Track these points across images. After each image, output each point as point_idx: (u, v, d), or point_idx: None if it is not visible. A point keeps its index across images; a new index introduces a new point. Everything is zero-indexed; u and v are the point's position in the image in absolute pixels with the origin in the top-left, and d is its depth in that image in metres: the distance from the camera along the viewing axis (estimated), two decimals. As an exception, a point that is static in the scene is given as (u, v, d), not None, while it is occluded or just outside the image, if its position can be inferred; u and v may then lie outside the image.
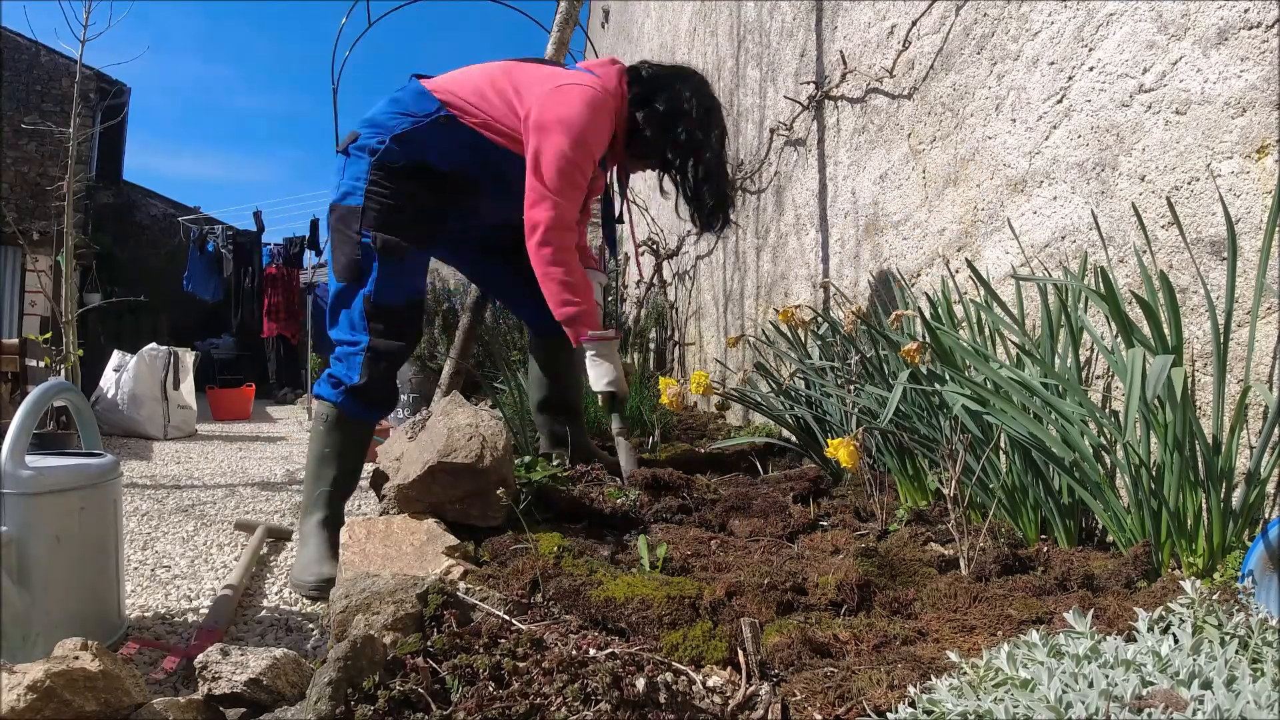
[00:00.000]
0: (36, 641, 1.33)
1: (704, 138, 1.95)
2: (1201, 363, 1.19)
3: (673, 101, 1.94)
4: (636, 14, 6.57)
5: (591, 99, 1.82)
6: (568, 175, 1.80)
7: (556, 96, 1.81)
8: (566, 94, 1.81)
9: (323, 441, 1.85)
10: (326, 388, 1.85)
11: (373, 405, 1.84)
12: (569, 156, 1.78)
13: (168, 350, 5.89)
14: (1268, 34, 1.08)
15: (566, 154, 1.78)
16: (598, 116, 1.83)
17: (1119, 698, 0.57)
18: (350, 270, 1.82)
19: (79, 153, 3.99)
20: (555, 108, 1.80)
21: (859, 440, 1.32)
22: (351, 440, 1.86)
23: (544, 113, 1.80)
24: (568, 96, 1.81)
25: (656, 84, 1.96)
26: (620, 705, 0.73)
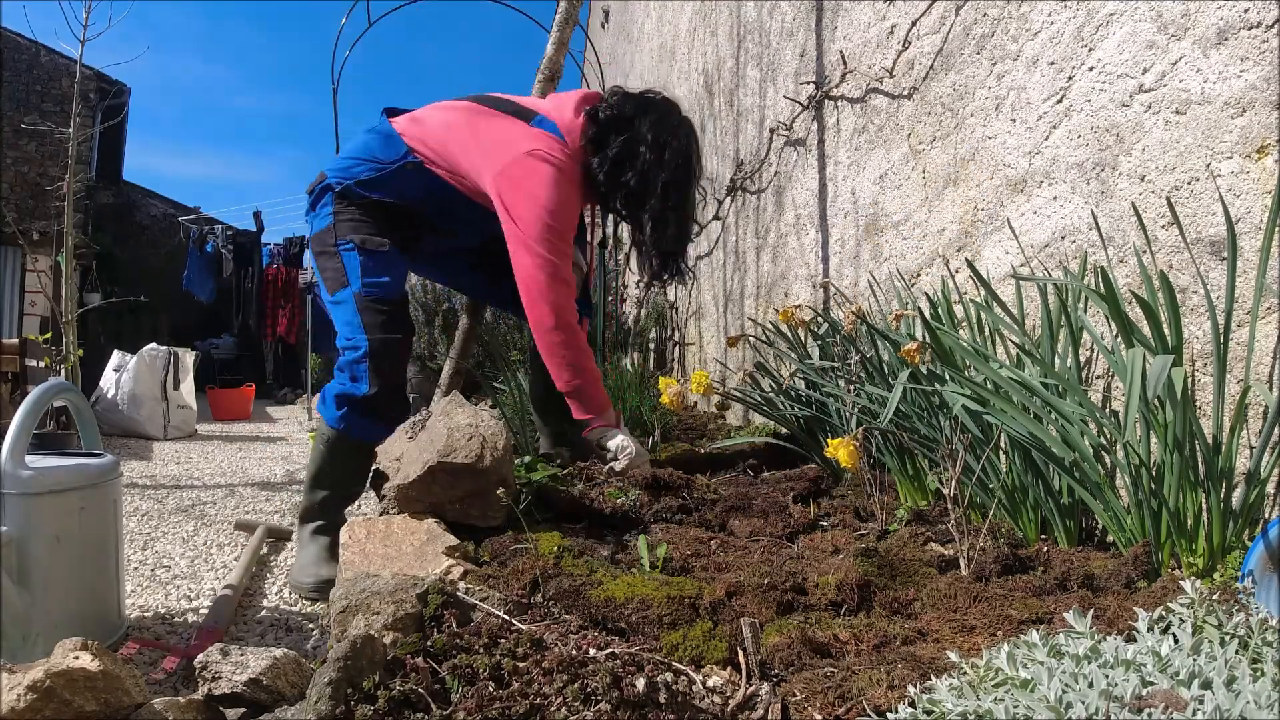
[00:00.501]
0: (36, 641, 1.33)
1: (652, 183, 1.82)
2: (1201, 363, 1.19)
3: (625, 145, 1.83)
4: (636, 14, 6.57)
5: (552, 172, 1.76)
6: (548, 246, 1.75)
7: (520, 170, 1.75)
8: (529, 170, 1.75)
9: (322, 460, 1.83)
10: (329, 410, 1.80)
11: (380, 418, 1.76)
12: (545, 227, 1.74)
13: (168, 350, 5.89)
14: (1267, 34, 1.08)
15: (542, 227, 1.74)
16: (564, 186, 1.77)
17: (1119, 698, 0.57)
18: (336, 279, 1.82)
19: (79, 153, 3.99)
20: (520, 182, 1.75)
21: (859, 440, 1.32)
22: (352, 461, 1.82)
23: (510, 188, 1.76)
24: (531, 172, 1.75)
25: (611, 126, 1.85)
26: (620, 705, 0.73)
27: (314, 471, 1.85)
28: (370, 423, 1.76)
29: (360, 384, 1.76)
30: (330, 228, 1.85)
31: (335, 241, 1.83)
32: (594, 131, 1.84)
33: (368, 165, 1.86)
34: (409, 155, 1.84)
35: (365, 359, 1.77)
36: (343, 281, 1.81)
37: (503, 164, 1.77)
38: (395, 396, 1.81)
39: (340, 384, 1.79)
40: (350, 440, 1.78)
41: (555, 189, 1.76)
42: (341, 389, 1.78)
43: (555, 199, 1.76)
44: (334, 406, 1.79)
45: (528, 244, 1.75)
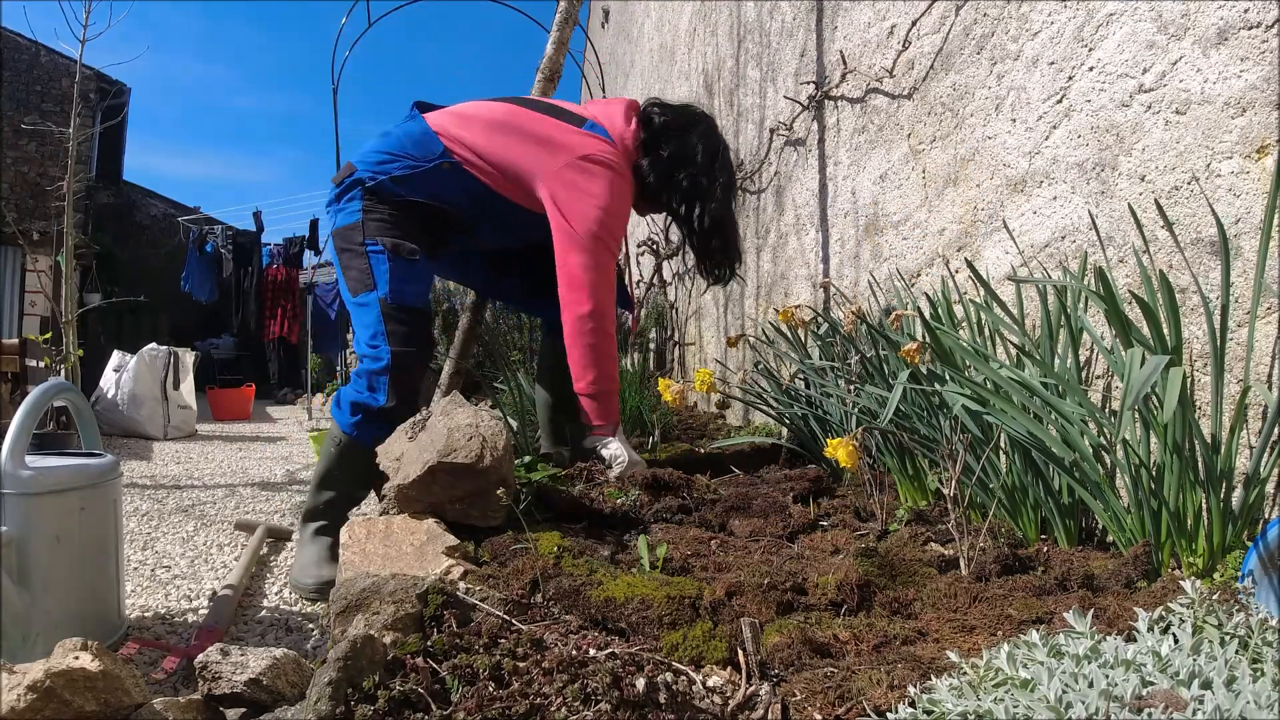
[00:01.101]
0: (36, 641, 1.33)
1: (708, 185, 1.92)
2: (1201, 363, 1.19)
3: (680, 148, 1.92)
4: (636, 14, 6.57)
5: (613, 177, 1.81)
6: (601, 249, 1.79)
7: (579, 172, 1.79)
8: (589, 172, 1.79)
9: (332, 463, 1.83)
10: (344, 415, 1.79)
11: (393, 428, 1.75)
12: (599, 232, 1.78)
13: (168, 350, 5.89)
14: (1267, 34, 1.08)
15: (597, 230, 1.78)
16: (623, 191, 1.83)
17: (1119, 698, 0.57)
18: (361, 280, 1.79)
19: (79, 153, 4.00)
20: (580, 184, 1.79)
21: (859, 440, 1.32)
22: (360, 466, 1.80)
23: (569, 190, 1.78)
24: (592, 174, 1.79)
25: (666, 131, 1.93)
26: (620, 705, 0.73)
27: (322, 472, 1.85)
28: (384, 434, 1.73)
29: (378, 395, 1.75)
30: (358, 225, 1.82)
31: (363, 241, 1.80)
32: (646, 135, 1.91)
33: (401, 162, 1.83)
34: (446, 155, 1.82)
35: (386, 371, 1.75)
36: (369, 284, 1.79)
37: (559, 165, 1.79)
38: (411, 409, 1.79)
39: (357, 391, 1.78)
40: (361, 448, 1.77)
41: (612, 191, 1.80)
42: (358, 397, 1.77)
43: (612, 201, 1.80)
44: (349, 413, 1.78)
45: (580, 241, 1.77)
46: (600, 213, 1.78)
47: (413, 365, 1.79)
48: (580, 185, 1.78)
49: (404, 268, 1.79)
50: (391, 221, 1.82)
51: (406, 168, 1.82)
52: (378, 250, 1.79)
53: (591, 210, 1.78)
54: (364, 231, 1.80)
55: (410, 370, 1.78)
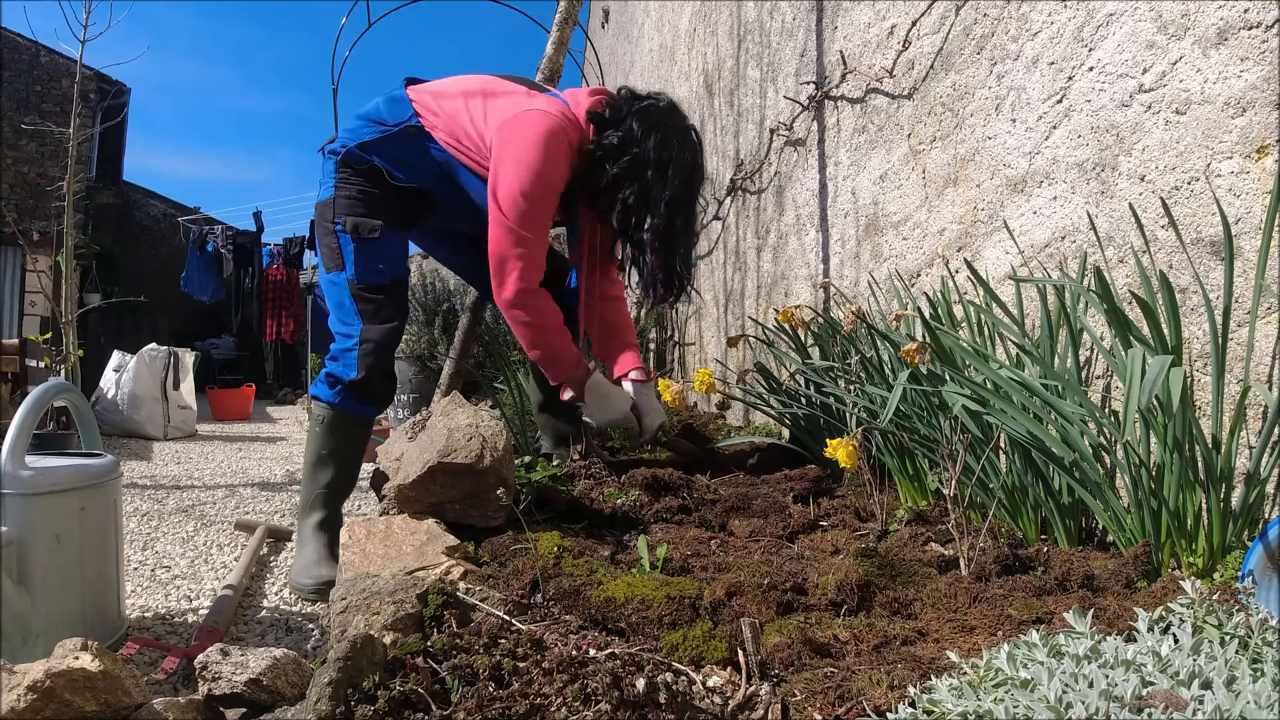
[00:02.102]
0: (36, 641, 1.33)
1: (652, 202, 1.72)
2: (1201, 363, 1.19)
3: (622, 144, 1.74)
4: (636, 14, 6.57)
5: (546, 127, 1.69)
6: (524, 207, 1.69)
7: (514, 124, 1.72)
8: (523, 122, 1.71)
9: (320, 443, 1.86)
10: (323, 388, 1.86)
11: (371, 399, 1.85)
12: (525, 188, 1.68)
13: (168, 350, 5.89)
14: (1267, 34, 1.08)
15: (523, 185, 1.68)
16: (552, 144, 1.69)
17: (1119, 698, 0.57)
18: (332, 259, 1.85)
19: (79, 153, 3.99)
20: (513, 137, 1.70)
21: (859, 440, 1.32)
22: (349, 440, 1.87)
23: (501, 144, 1.71)
24: (524, 126, 1.71)
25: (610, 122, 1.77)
26: (620, 705, 0.73)
27: (313, 455, 1.87)
28: (361, 403, 1.84)
29: (349, 370, 1.81)
30: (330, 202, 1.87)
31: (334, 219, 1.85)
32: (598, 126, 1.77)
33: (374, 128, 1.85)
34: (413, 118, 1.83)
35: (355, 348, 1.81)
36: (338, 264, 1.84)
37: (503, 119, 1.75)
38: (384, 379, 1.86)
39: (331, 369, 1.85)
40: (345, 414, 1.84)
41: (544, 147, 1.68)
42: (332, 368, 1.85)
43: (541, 158, 1.68)
44: (326, 385, 1.85)
45: (504, 217, 1.72)
46: (523, 171, 1.67)
47: (383, 340, 1.83)
48: (512, 144, 1.70)
49: (368, 247, 1.83)
50: (360, 197, 1.85)
51: (377, 132, 1.84)
52: (341, 229, 1.83)
53: (516, 174, 1.68)
54: (334, 209, 1.85)
55: (380, 345, 1.83)
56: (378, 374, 1.83)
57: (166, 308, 10.98)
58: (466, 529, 1.39)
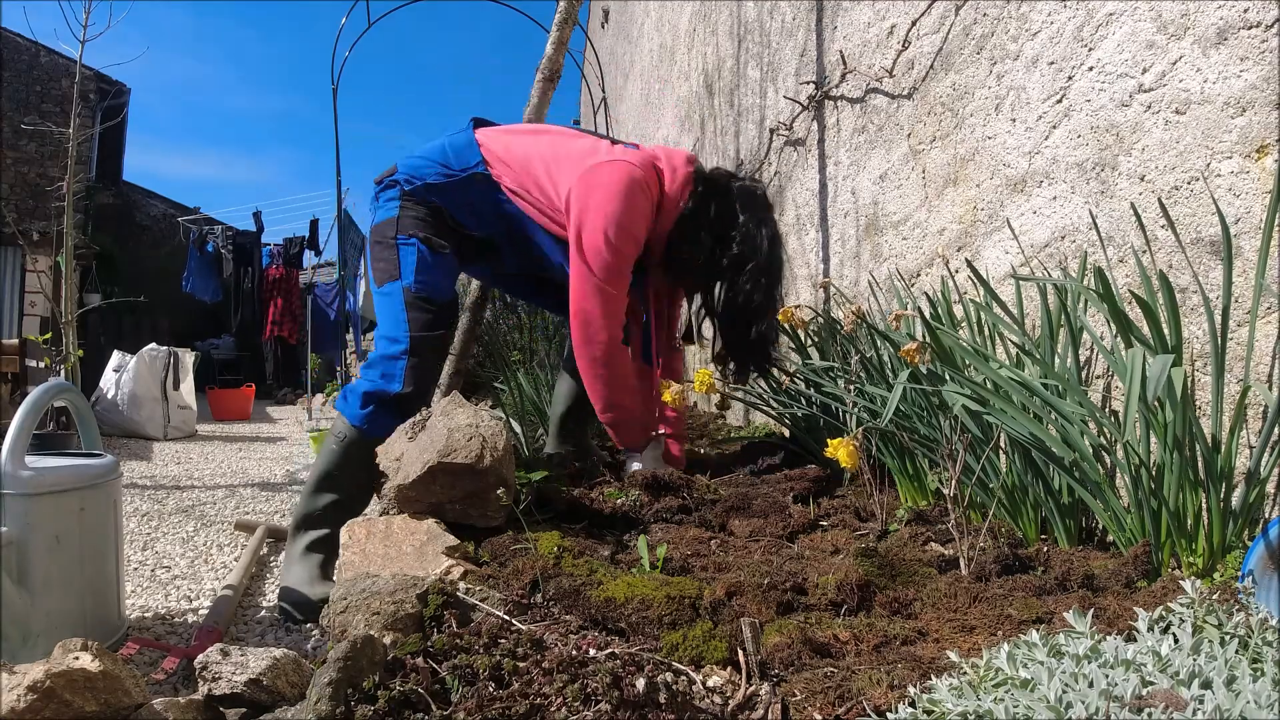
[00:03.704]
0: (36, 641, 1.33)
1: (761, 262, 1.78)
2: (1201, 362, 1.19)
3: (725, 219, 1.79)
4: (636, 14, 6.57)
5: (629, 177, 1.70)
6: (609, 259, 1.70)
7: (593, 175, 1.71)
8: (603, 172, 1.71)
9: (334, 463, 1.71)
10: (353, 406, 1.71)
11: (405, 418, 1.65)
12: (609, 239, 1.68)
13: (168, 350, 5.89)
14: (1267, 34, 1.08)
15: (607, 237, 1.68)
16: (635, 195, 1.71)
17: (1119, 697, 0.57)
18: (388, 270, 1.76)
19: (79, 153, 3.99)
20: (596, 185, 1.70)
21: (859, 440, 1.32)
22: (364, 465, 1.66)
23: (581, 196, 1.70)
24: (604, 175, 1.70)
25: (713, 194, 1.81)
26: (620, 705, 0.73)
27: (321, 472, 1.73)
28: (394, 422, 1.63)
29: (394, 382, 1.69)
30: (393, 220, 1.80)
31: (395, 235, 1.78)
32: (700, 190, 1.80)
33: (438, 170, 1.81)
34: (480, 165, 1.79)
35: (404, 355, 1.70)
36: (393, 274, 1.76)
37: (580, 170, 1.72)
38: (423, 401, 1.73)
39: (370, 381, 1.71)
40: (369, 441, 1.62)
41: (627, 198, 1.69)
42: (371, 386, 1.70)
43: (625, 209, 1.69)
44: (358, 404, 1.71)
45: (587, 271, 1.70)
46: (605, 219, 1.68)
47: (432, 353, 1.74)
48: (594, 193, 1.69)
49: (431, 259, 1.76)
50: (425, 220, 1.80)
51: (442, 175, 1.80)
52: (409, 242, 1.77)
53: (599, 222, 1.68)
54: (398, 226, 1.78)
55: (428, 358, 1.73)
56: (423, 389, 1.72)
57: (166, 308, 10.98)
58: (466, 529, 1.39)
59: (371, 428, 1.67)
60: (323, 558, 1.68)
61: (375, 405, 1.69)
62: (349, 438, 1.71)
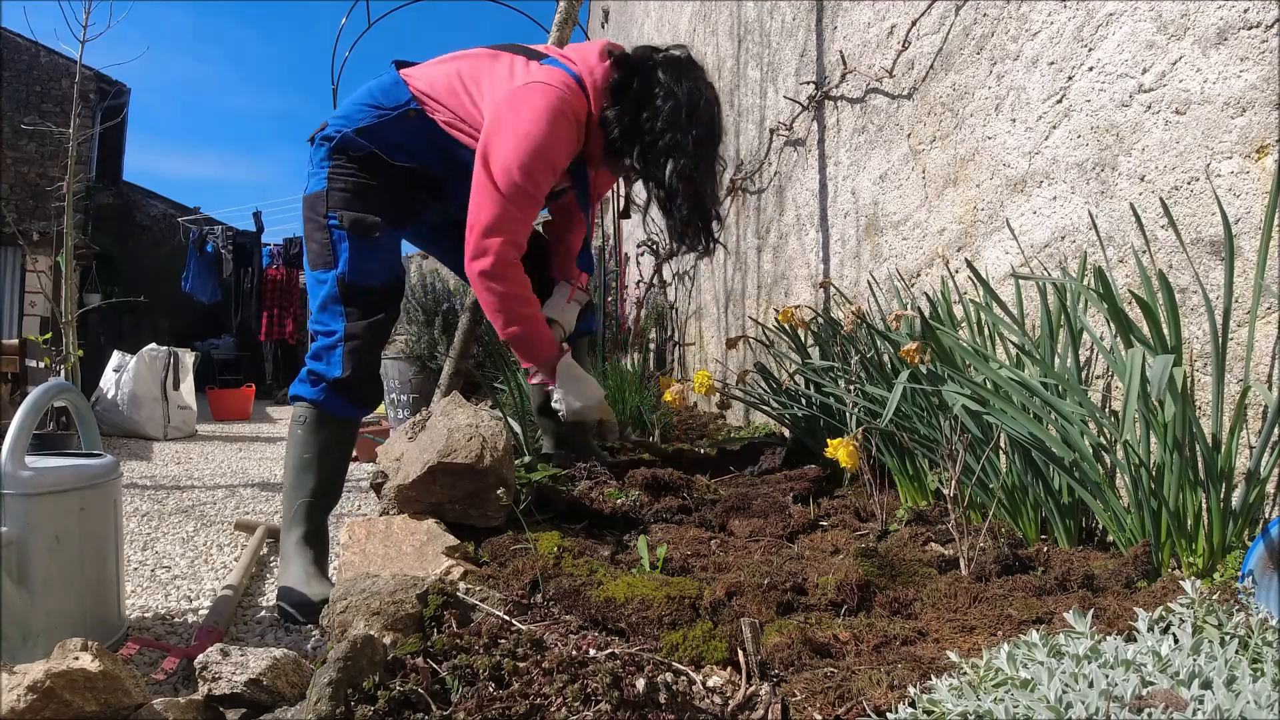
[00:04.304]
0: (37, 642, 1.33)
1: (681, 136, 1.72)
2: (1201, 363, 1.19)
3: (647, 90, 1.73)
4: (636, 14, 6.57)
5: (552, 102, 1.66)
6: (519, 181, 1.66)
7: (516, 98, 1.66)
8: (527, 94, 1.66)
9: (302, 446, 1.70)
10: (304, 386, 1.71)
11: (356, 399, 1.71)
12: (524, 164, 1.65)
13: (168, 351, 5.88)
14: (1267, 34, 1.08)
15: (522, 161, 1.64)
16: (559, 121, 1.66)
17: (1119, 698, 0.57)
18: (322, 254, 1.73)
19: (79, 153, 3.99)
20: (513, 110, 1.66)
21: (859, 440, 1.32)
22: (333, 442, 1.71)
23: (500, 115, 1.66)
24: (528, 98, 1.66)
25: (633, 71, 1.76)
26: (620, 706, 0.73)
27: (295, 460, 1.71)
28: (345, 402, 1.70)
29: (332, 367, 1.69)
30: (323, 194, 1.74)
31: (326, 212, 1.73)
32: (619, 76, 1.75)
33: (368, 113, 1.76)
34: (411, 102, 1.75)
35: (339, 344, 1.69)
36: (328, 261, 1.72)
37: (505, 90, 1.68)
38: (368, 379, 1.73)
39: (311, 365, 1.73)
40: (329, 414, 1.69)
41: (547, 124, 1.64)
42: (314, 368, 1.72)
43: (543, 136, 1.64)
44: (309, 384, 1.71)
45: (495, 192, 1.65)
46: (522, 143, 1.63)
47: (369, 337, 1.72)
48: (510, 117, 1.64)
49: (364, 246, 1.72)
50: (356, 190, 1.74)
51: (373, 116, 1.75)
52: (337, 225, 1.72)
53: (510, 141, 1.63)
54: (327, 202, 1.73)
55: (366, 343, 1.71)
56: (363, 372, 1.71)
57: (166, 308, 10.98)
58: (466, 529, 1.39)
59: (326, 402, 1.69)
60: (315, 552, 1.66)
61: (324, 385, 1.70)
62: (309, 416, 1.71)
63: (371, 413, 1.80)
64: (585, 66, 1.76)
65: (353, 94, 1.84)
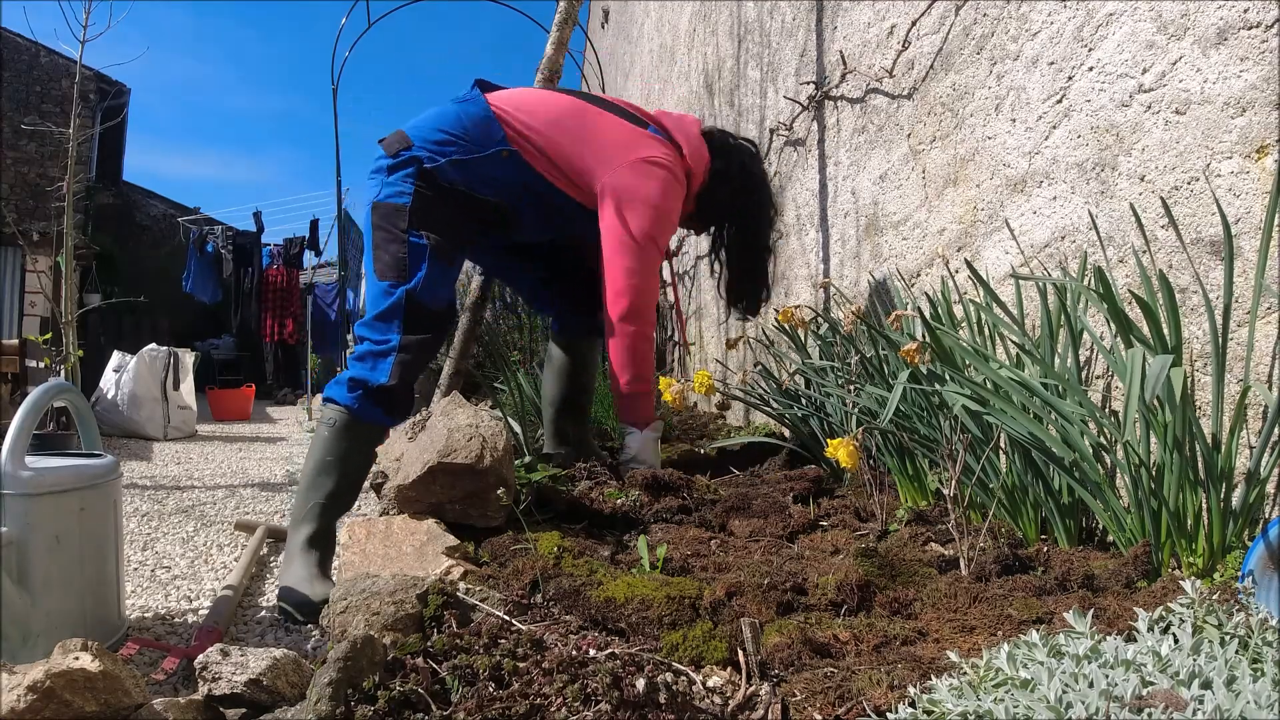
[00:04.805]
0: (37, 642, 1.33)
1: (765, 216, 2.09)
2: (1201, 363, 1.19)
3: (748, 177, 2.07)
4: (636, 14, 6.57)
5: (670, 180, 1.88)
6: (654, 252, 1.87)
7: (639, 173, 1.86)
8: (649, 174, 1.86)
9: (326, 449, 1.70)
10: (341, 390, 1.72)
11: (392, 410, 1.73)
12: (651, 234, 1.85)
13: (168, 351, 5.88)
14: (1267, 34, 1.08)
15: (650, 232, 1.85)
16: (676, 197, 1.91)
17: (1119, 698, 0.57)
18: (395, 267, 1.75)
19: (79, 153, 3.99)
20: (639, 185, 1.85)
21: (859, 440, 1.32)
22: (358, 449, 1.72)
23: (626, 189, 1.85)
24: (651, 176, 1.86)
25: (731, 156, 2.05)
26: (620, 706, 0.73)
27: (316, 462, 1.71)
28: (381, 412, 1.72)
29: (381, 374, 1.71)
30: (404, 209, 1.77)
31: (407, 229, 1.76)
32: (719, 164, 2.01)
33: (460, 145, 1.79)
34: (505, 142, 1.80)
35: (394, 352, 1.72)
36: (401, 275, 1.74)
37: (620, 165, 1.84)
38: (409, 392, 1.77)
39: (356, 370, 1.74)
40: (362, 424, 1.71)
41: (666, 195, 1.87)
42: (357, 373, 1.73)
43: (665, 204, 1.87)
44: (346, 388, 1.72)
45: (631, 245, 1.85)
46: (654, 215, 1.85)
47: (421, 352, 1.75)
48: (637, 187, 1.84)
49: (440, 269, 1.77)
50: (439, 213, 1.78)
51: (465, 152, 1.79)
52: (421, 243, 1.75)
53: (646, 213, 1.84)
54: (409, 219, 1.76)
55: (418, 355, 1.74)
56: (406, 385, 1.73)
57: (166, 308, 10.98)
58: (466, 529, 1.39)
59: (361, 409, 1.70)
60: (320, 554, 1.66)
61: (362, 390, 1.71)
62: (340, 420, 1.71)
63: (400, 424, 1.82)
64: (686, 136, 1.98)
65: (437, 115, 1.86)
